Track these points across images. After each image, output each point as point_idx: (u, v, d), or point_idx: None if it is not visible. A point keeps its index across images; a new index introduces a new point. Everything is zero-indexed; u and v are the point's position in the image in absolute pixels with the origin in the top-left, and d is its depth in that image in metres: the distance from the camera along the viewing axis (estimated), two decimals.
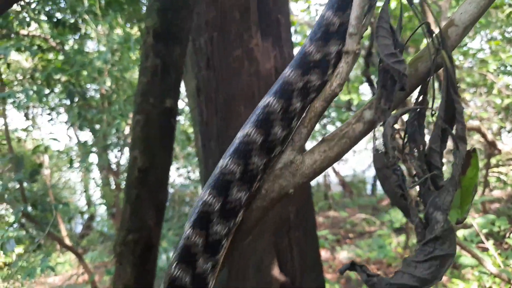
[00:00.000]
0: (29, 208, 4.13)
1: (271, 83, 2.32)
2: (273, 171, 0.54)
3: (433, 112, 0.52)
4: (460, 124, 0.50)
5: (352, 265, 0.51)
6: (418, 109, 0.53)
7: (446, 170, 0.49)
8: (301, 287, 2.27)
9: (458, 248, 3.35)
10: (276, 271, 2.23)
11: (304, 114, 0.54)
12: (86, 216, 8.31)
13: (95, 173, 7.61)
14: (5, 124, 4.19)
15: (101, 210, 7.81)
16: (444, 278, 5.26)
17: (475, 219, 4.54)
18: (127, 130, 5.37)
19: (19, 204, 4.62)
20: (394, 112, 0.52)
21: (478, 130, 3.51)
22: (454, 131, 0.50)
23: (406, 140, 0.53)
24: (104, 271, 6.65)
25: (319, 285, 2.50)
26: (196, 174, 6.81)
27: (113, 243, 6.92)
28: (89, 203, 7.58)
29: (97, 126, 4.46)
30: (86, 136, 7.32)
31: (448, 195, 0.46)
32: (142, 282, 1.77)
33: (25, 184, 7.55)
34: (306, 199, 2.49)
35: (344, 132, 0.52)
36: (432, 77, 0.52)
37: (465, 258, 3.57)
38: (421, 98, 0.54)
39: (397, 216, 6.49)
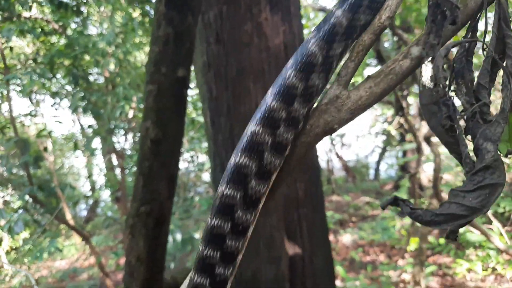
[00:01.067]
0: (35, 193, 4.13)
1: (281, 59, 2.30)
2: (319, 106, 0.53)
3: (484, 47, 0.51)
4: (510, 60, 0.49)
5: (395, 200, 0.50)
6: (467, 45, 0.52)
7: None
8: (311, 261, 2.29)
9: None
10: (286, 246, 2.24)
11: (351, 48, 0.52)
12: (90, 201, 8.36)
13: (99, 159, 7.64)
14: (10, 106, 4.18)
15: (105, 195, 7.86)
16: (448, 259, 5.31)
17: None
18: (131, 114, 5.36)
19: (25, 188, 4.63)
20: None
21: None
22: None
23: (453, 76, 0.52)
24: (109, 257, 6.73)
25: (327, 260, 2.52)
26: (200, 159, 6.81)
27: (118, 227, 6.97)
28: (93, 188, 7.61)
29: (101, 111, 4.44)
30: (90, 121, 7.31)
31: (499, 127, 0.45)
32: (154, 255, 1.78)
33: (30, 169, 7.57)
34: (315, 177, 2.49)
35: (391, 68, 0.50)
36: (484, 11, 0.50)
37: (473, 235, 3.60)
38: (470, 34, 0.52)
39: (403, 197, 6.48)
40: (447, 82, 0.48)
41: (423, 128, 2.83)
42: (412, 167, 7.61)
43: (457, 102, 0.53)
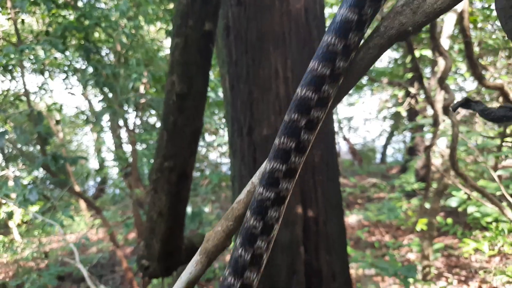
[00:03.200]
0: (48, 163, 4.17)
1: (301, 24, 2.29)
2: (394, 7, 0.53)
3: None
4: None
5: (466, 101, 0.51)
6: None
7: None
8: (325, 226, 2.33)
9: (478, 196, 3.39)
10: (300, 210, 2.28)
11: None
12: (98, 178, 8.47)
13: (108, 136, 7.70)
14: (23, 79, 4.20)
15: (113, 173, 7.95)
16: (454, 241, 5.36)
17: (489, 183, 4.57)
18: (141, 90, 5.37)
19: (35, 163, 4.68)
20: None
21: (501, 89, 3.45)
22: None
23: None
24: (118, 232, 6.85)
25: (340, 227, 2.55)
26: (209, 139, 6.83)
27: (126, 203, 7.05)
28: (102, 165, 7.69)
29: (114, 84, 4.45)
30: (99, 98, 7.32)
31: None
32: (176, 211, 1.82)
33: (38, 147, 7.65)
34: (331, 144, 2.50)
35: None
36: None
37: (485, 208, 3.62)
38: None
39: (410, 180, 6.51)
40: None
41: (439, 102, 2.82)
42: (420, 150, 7.61)
43: None
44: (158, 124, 7.05)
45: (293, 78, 2.18)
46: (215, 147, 5.97)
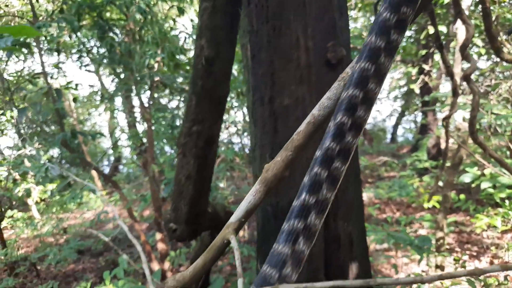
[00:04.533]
0: (67, 139, 4.27)
1: None
2: None
3: None
4: None
5: None
6: None
7: None
8: (343, 194, 2.39)
9: (495, 165, 3.40)
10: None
11: None
12: (112, 158, 8.63)
13: (121, 115, 7.78)
14: (41, 56, 4.25)
15: (127, 152, 8.06)
16: (467, 217, 5.40)
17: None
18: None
19: (55, 140, 4.78)
20: None
21: None
22: None
23: None
24: (133, 208, 7.01)
25: (358, 196, 2.61)
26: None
27: (140, 181, 7.20)
28: (116, 145, 7.81)
29: (129, 61, 4.48)
30: (111, 80, 7.38)
31: None
32: (203, 174, 1.88)
33: (52, 127, 7.79)
34: None
35: None
36: None
37: (502, 179, 3.64)
38: None
39: (423, 157, 6.50)
40: None
41: (458, 72, 2.81)
42: (432, 129, 7.57)
43: None
44: (170, 104, 7.10)
45: (314, 47, 2.20)
46: (228, 125, 6.02)
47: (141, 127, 7.38)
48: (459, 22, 3.60)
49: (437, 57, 5.75)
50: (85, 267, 5.63)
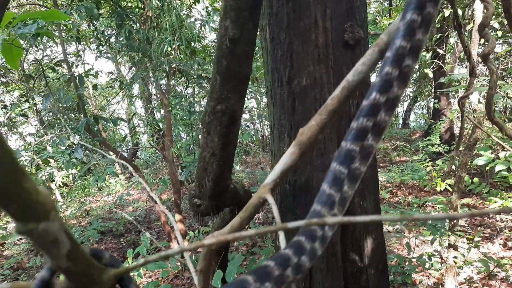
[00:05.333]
0: (90, 124, 4.45)
1: None
2: None
3: None
4: None
5: None
6: None
7: None
8: None
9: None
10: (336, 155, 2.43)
11: None
12: (130, 144, 8.87)
13: (139, 103, 7.95)
14: (63, 45, 4.40)
15: (144, 139, 8.28)
16: (479, 201, 5.43)
17: None
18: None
19: (79, 125, 4.96)
20: None
21: None
22: None
23: None
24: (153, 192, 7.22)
25: (373, 173, 2.69)
26: None
27: (158, 166, 7.39)
28: (134, 131, 8.02)
29: (148, 47, 4.59)
30: (131, 65, 7.52)
31: None
32: (226, 152, 2.00)
33: (72, 115, 8.00)
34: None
35: None
36: None
37: None
38: None
39: (436, 141, 6.51)
40: None
41: (475, 52, 2.82)
42: (445, 114, 7.53)
43: None
44: (186, 92, 7.23)
45: (332, 28, 2.26)
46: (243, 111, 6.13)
47: (158, 114, 7.54)
48: (477, 3, 3.59)
49: (452, 40, 5.70)
50: (107, 247, 5.89)
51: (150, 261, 0.44)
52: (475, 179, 5.32)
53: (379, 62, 0.71)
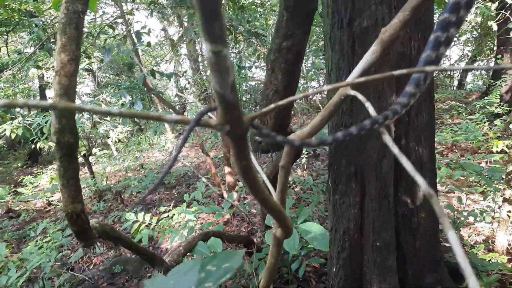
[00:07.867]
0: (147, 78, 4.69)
1: None
2: None
3: None
4: None
5: None
6: None
7: None
8: (415, 117, 2.47)
9: None
10: (394, 99, 2.44)
11: None
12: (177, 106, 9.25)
13: (186, 64, 8.16)
14: (120, 1, 4.58)
15: (191, 99, 8.56)
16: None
17: None
18: None
19: (138, 78, 5.22)
20: None
21: None
22: None
23: None
24: (199, 151, 7.57)
25: (430, 121, 2.66)
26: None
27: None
28: (182, 90, 8.29)
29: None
30: (179, 29, 7.67)
31: None
32: (289, 90, 2.09)
33: (124, 77, 8.35)
34: (428, 35, 2.54)
35: None
36: None
37: None
38: None
39: (495, 100, 6.13)
40: None
41: None
42: (507, 72, 6.99)
43: None
44: (233, 50, 7.29)
45: None
46: None
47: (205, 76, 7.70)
48: None
49: None
50: (161, 198, 6.35)
51: None
52: None
53: None
